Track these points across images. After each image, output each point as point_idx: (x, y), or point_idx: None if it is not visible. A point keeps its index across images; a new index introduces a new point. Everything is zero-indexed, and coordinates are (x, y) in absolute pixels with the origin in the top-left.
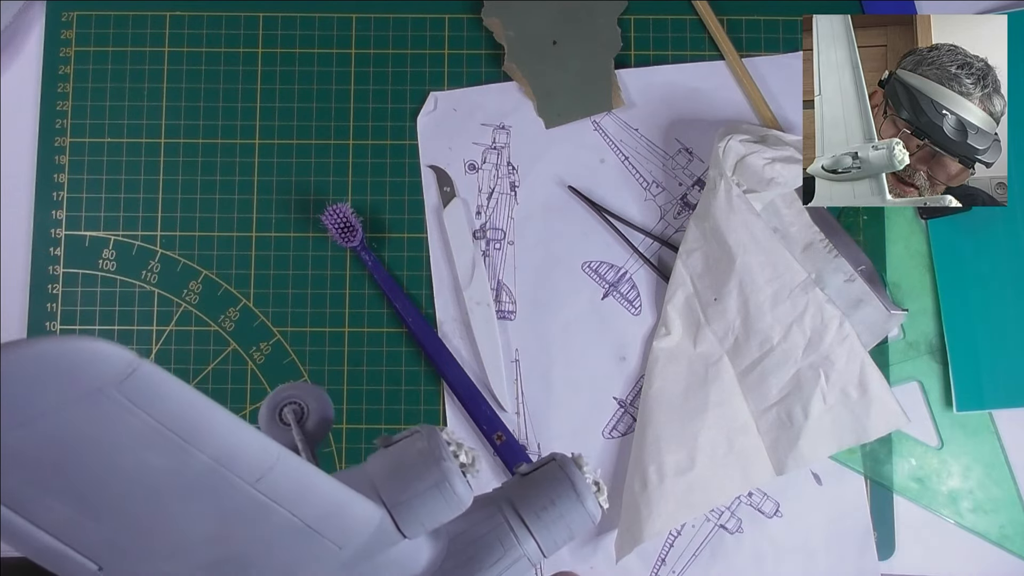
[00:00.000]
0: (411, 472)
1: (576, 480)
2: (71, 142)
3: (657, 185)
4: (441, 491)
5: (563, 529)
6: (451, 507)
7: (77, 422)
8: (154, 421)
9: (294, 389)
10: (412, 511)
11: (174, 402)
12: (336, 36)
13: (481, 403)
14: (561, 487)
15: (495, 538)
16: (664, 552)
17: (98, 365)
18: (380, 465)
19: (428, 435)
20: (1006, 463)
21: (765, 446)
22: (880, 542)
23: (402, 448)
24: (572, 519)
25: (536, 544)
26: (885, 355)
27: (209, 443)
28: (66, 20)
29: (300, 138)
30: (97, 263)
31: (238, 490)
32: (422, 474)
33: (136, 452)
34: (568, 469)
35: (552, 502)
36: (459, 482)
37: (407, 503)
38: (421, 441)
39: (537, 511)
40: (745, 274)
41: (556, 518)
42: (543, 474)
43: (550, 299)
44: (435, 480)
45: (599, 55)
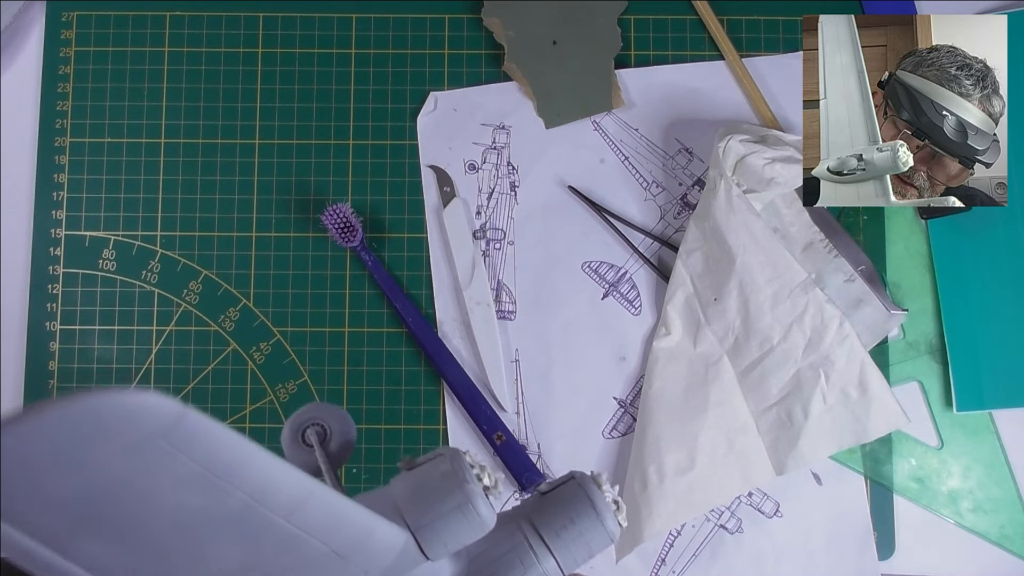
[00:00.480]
0: (435, 495)
1: (596, 499)
2: (71, 142)
3: (657, 185)
4: (464, 513)
5: (582, 547)
6: (474, 529)
7: (124, 471)
8: (197, 466)
9: (317, 410)
10: (436, 533)
11: (215, 445)
12: (336, 36)
13: (481, 403)
14: (581, 506)
15: (515, 557)
16: (664, 552)
17: (147, 418)
18: (404, 488)
19: (452, 458)
20: (1006, 463)
21: (765, 446)
22: (880, 542)
23: (426, 471)
24: (592, 537)
25: (555, 562)
26: (885, 355)
27: (246, 482)
28: (66, 20)
29: (300, 138)
30: (97, 263)
31: (272, 524)
32: (445, 497)
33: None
34: (588, 488)
35: (572, 520)
36: (482, 504)
37: (431, 525)
38: (445, 464)
39: (557, 530)
40: (745, 274)
41: (576, 536)
42: (563, 492)
43: (550, 299)
44: (458, 502)
45: (599, 55)
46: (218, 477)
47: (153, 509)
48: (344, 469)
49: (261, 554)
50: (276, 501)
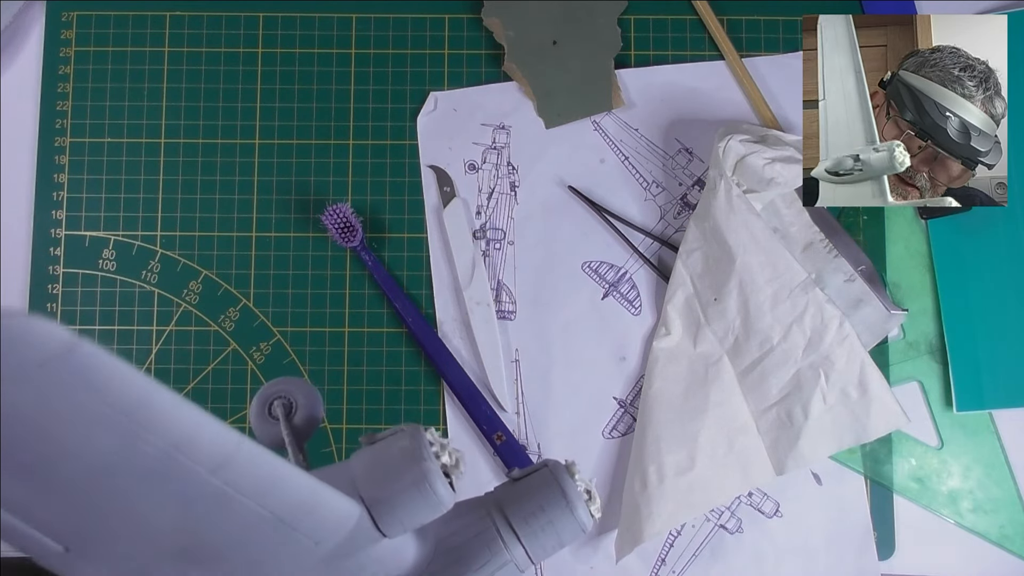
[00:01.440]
0: (391, 471)
1: (567, 488)
2: (71, 142)
3: (657, 185)
4: (420, 491)
5: (552, 536)
6: (431, 507)
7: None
8: (100, 401)
9: (285, 384)
10: (391, 510)
11: (120, 384)
12: (336, 36)
13: (481, 403)
14: (551, 494)
15: (482, 542)
16: (664, 552)
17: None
18: (362, 462)
19: (411, 434)
20: (1006, 463)
21: (765, 446)
22: (880, 542)
23: (385, 446)
24: (562, 527)
25: (524, 550)
26: (885, 355)
27: (160, 428)
28: (66, 20)
29: (300, 138)
30: (97, 263)
31: (197, 478)
32: (402, 473)
33: (84, 432)
34: (559, 476)
35: (541, 508)
36: (439, 483)
37: (386, 501)
38: (403, 440)
39: (526, 517)
40: (745, 274)
41: (545, 525)
42: (534, 480)
43: (550, 299)
44: (414, 479)
45: (599, 55)
46: (127, 418)
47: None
48: None
49: (194, 515)
50: (198, 452)
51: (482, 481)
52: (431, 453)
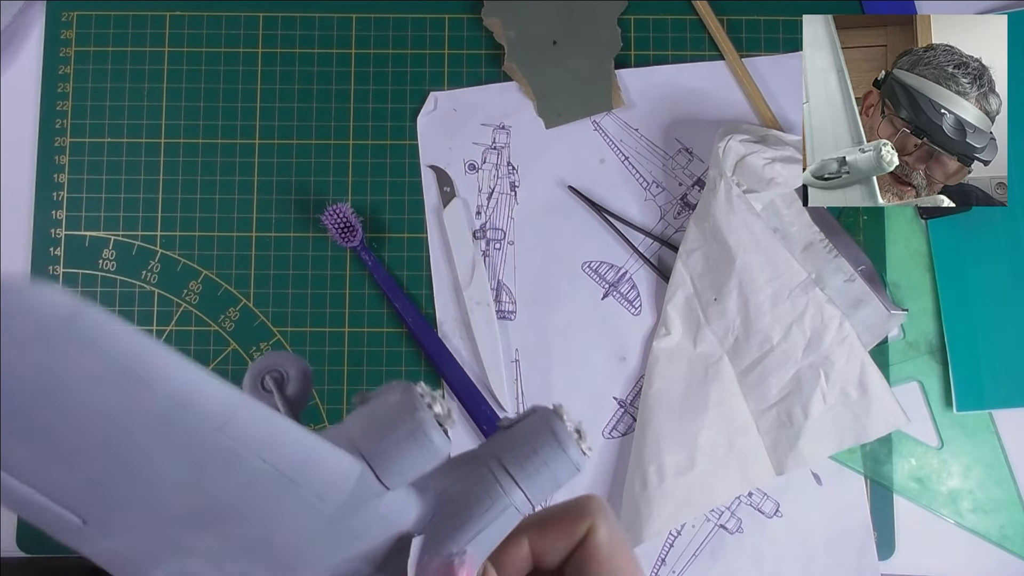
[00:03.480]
0: (387, 424)
1: (558, 429)
2: (71, 142)
3: (657, 185)
4: (416, 439)
5: (548, 477)
6: (428, 455)
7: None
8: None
9: (276, 357)
10: (390, 460)
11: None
12: (336, 36)
13: (481, 403)
14: (543, 436)
15: (482, 489)
16: (664, 552)
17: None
18: (358, 420)
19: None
20: (1006, 463)
21: (765, 446)
22: (880, 542)
23: (378, 403)
24: (556, 466)
25: (523, 493)
26: (885, 355)
27: (165, 385)
28: (66, 20)
29: (300, 138)
30: (97, 263)
31: (204, 435)
32: (397, 425)
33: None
34: (549, 419)
35: (535, 451)
36: (434, 431)
37: (384, 453)
38: (395, 395)
39: (521, 460)
40: (745, 274)
41: (540, 466)
42: (525, 426)
43: (550, 299)
44: (410, 429)
45: (599, 55)
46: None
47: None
48: None
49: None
50: (203, 409)
51: None
52: (423, 403)
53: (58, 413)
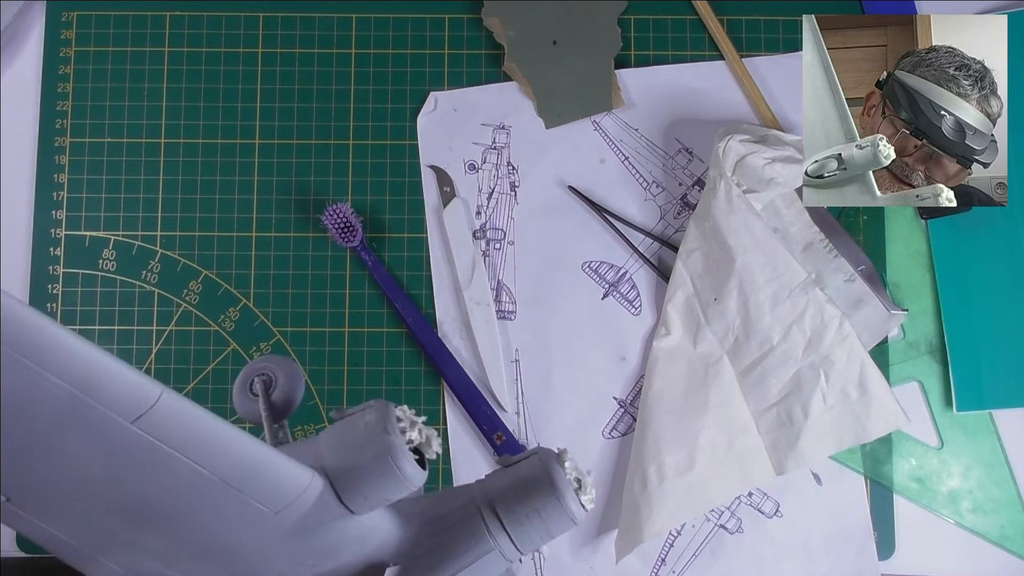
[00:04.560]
0: (355, 444)
1: (556, 477)
2: (71, 142)
3: (657, 185)
4: (382, 465)
5: (538, 525)
6: (396, 483)
7: None
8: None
9: (269, 362)
10: (352, 483)
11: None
12: (336, 36)
13: (481, 403)
14: (539, 482)
15: (466, 529)
16: (664, 552)
17: None
18: (329, 436)
19: (378, 408)
20: (1006, 463)
21: (765, 446)
22: (880, 542)
23: (352, 420)
24: (549, 516)
25: (509, 539)
26: (885, 355)
27: (63, 369)
28: (66, 20)
29: (300, 138)
30: (97, 263)
31: (115, 426)
32: (364, 446)
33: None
34: (548, 464)
35: (528, 496)
36: (404, 458)
37: (347, 474)
38: (370, 414)
39: (512, 504)
40: (745, 274)
41: (531, 513)
42: (523, 468)
43: (550, 299)
44: (376, 453)
45: (599, 55)
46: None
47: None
48: None
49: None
50: (110, 398)
51: None
52: (396, 427)
53: None
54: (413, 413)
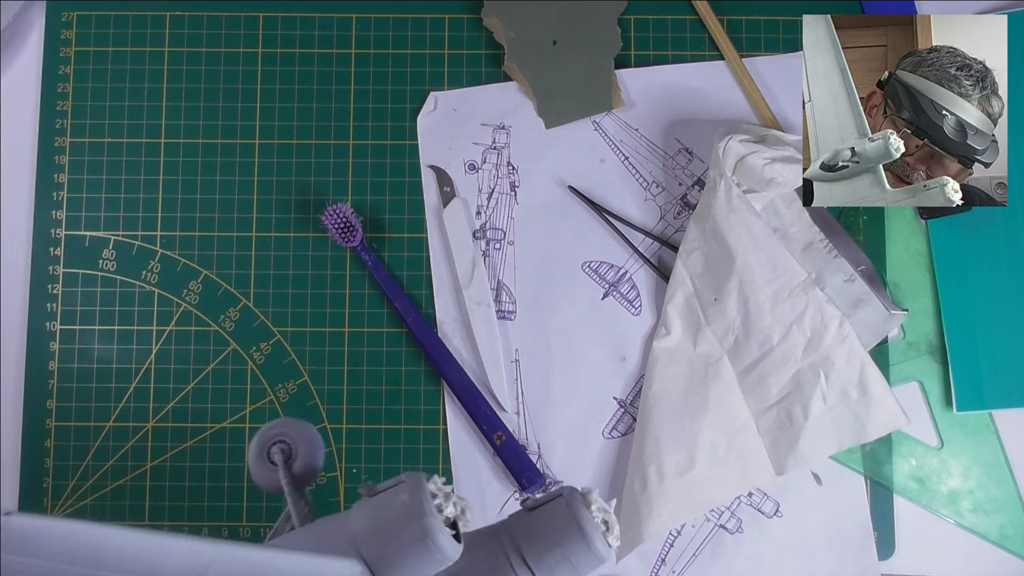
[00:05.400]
0: (393, 528)
1: (583, 521)
2: (71, 142)
3: (657, 185)
4: (423, 547)
5: (568, 570)
6: (434, 562)
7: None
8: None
9: (285, 427)
10: (393, 567)
11: (58, 540)
12: (336, 36)
13: (481, 403)
14: (567, 527)
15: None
16: (664, 552)
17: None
18: (362, 518)
19: (412, 487)
20: (1006, 463)
21: (765, 446)
22: (880, 542)
23: (385, 500)
24: (578, 560)
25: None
26: (885, 355)
27: (119, 566)
28: (66, 20)
29: (300, 138)
30: (97, 263)
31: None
32: (403, 530)
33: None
34: (575, 508)
35: (557, 543)
36: (443, 538)
37: (387, 559)
38: (404, 494)
39: (540, 552)
40: (745, 274)
41: (560, 559)
42: (549, 511)
43: (550, 299)
44: (417, 536)
45: (599, 55)
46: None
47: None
48: (343, 470)
49: None
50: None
51: (482, 482)
52: (433, 508)
53: None
54: (445, 484)
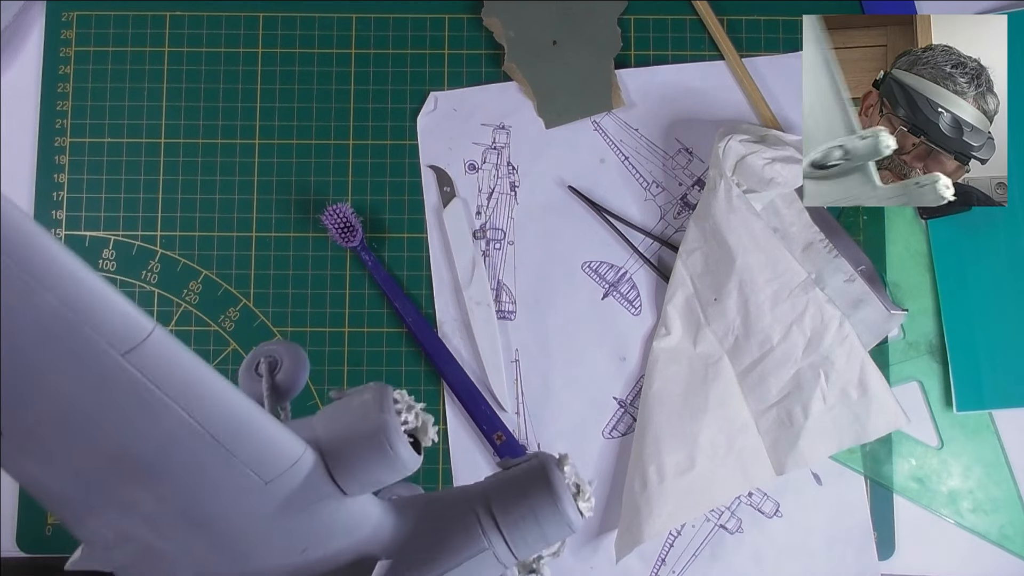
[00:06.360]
0: (349, 422)
1: (554, 480)
2: (71, 142)
3: (657, 185)
4: (376, 445)
5: (534, 529)
6: (389, 464)
7: None
8: None
9: (276, 346)
10: (345, 461)
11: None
12: (336, 36)
13: (481, 403)
14: (537, 485)
15: (460, 527)
16: (664, 552)
17: None
18: (324, 414)
19: (376, 389)
20: (1006, 463)
21: (765, 446)
22: (880, 542)
23: (348, 399)
24: (546, 521)
25: (504, 541)
26: (885, 355)
27: (58, 285)
28: (66, 20)
29: (300, 138)
30: (97, 263)
31: (105, 356)
32: (359, 425)
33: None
34: (547, 467)
35: (525, 497)
36: (397, 439)
37: (340, 451)
38: (367, 393)
39: (508, 506)
40: (745, 274)
41: (526, 514)
42: (522, 472)
43: (550, 299)
44: (370, 431)
45: (599, 55)
46: (18, 264)
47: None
48: None
49: (110, 400)
50: (102, 323)
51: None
52: (391, 408)
53: None
54: (412, 399)
